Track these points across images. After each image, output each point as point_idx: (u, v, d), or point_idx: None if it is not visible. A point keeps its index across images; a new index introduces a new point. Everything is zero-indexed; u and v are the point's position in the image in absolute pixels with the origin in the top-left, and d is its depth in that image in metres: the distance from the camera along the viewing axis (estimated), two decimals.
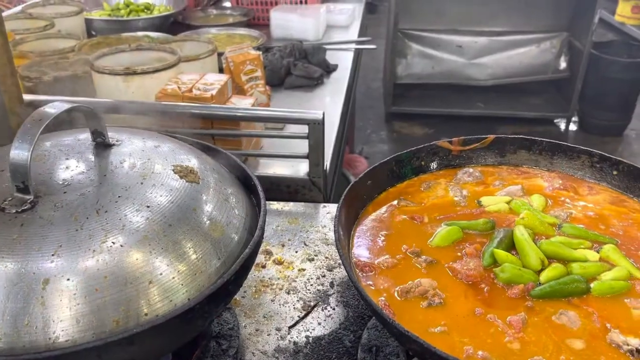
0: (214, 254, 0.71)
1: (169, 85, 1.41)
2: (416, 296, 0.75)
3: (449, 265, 0.80)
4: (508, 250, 0.81)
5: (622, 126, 4.35)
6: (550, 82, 4.58)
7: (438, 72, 4.57)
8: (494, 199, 0.94)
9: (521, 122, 4.50)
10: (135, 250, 0.65)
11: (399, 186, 0.99)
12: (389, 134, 4.50)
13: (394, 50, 4.46)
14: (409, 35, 4.55)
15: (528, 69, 4.50)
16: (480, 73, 4.53)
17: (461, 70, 4.54)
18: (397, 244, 0.85)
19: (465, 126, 4.44)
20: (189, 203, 0.73)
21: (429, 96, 4.65)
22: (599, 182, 0.98)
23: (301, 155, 1.38)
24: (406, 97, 4.69)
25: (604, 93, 4.21)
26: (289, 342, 0.97)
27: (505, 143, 1.03)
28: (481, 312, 0.73)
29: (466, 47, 4.53)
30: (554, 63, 4.46)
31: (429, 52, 4.56)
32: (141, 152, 0.79)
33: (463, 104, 4.56)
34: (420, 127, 4.53)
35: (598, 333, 0.69)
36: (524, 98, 4.61)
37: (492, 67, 4.52)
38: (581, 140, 4.41)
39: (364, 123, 4.63)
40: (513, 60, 4.50)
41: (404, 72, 4.59)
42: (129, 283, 0.63)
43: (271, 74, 2.03)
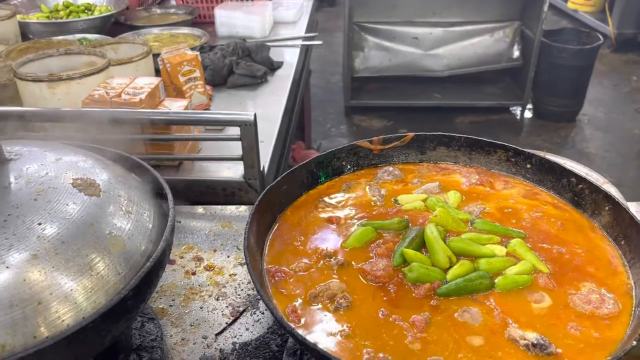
0: (113, 269, 0.69)
1: (97, 90, 1.38)
2: (323, 300, 0.75)
3: (359, 266, 0.80)
4: (419, 249, 0.82)
5: (574, 112, 4.45)
6: (505, 70, 4.65)
7: (395, 65, 4.59)
8: (410, 197, 0.94)
9: (478, 111, 4.57)
10: (22, 270, 0.63)
11: (320, 187, 0.99)
12: (348, 128, 4.51)
13: (350, 44, 4.46)
14: (365, 28, 4.55)
15: (483, 58, 4.56)
16: (436, 64, 4.57)
17: (418, 61, 4.58)
18: (311, 247, 0.85)
19: (424, 117, 4.49)
20: (86, 218, 0.71)
21: (387, 89, 4.68)
22: (515, 175, 0.99)
23: (235, 157, 1.37)
24: (365, 91, 4.70)
25: (555, 80, 4.30)
26: (214, 350, 0.96)
27: (425, 140, 1.04)
28: (386, 314, 0.73)
29: (422, 38, 4.56)
30: (508, 52, 4.53)
31: (385, 45, 4.58)
32: (40, 166, 0.76)
33: (421, 96, 4.60)
34: (379, 119, 4.55)
35: (498, 329, 0.71)
36: (480, 87, 4.67)
37: (448, 57, 4.57)
38: (536, 126, 4.50)
39: (323, 117, 4.64)
40: (468, 50, 4.55)
41: (361, 66, 4.60)
42: (14, 305, 0.61)
43: (213, 73, 2.00)
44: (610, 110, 4.64)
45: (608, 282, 0.77)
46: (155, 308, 1.05)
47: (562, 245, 0.83)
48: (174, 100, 1.51)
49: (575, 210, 0.91)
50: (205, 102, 1.82)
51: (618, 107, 4.71)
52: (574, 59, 4.19)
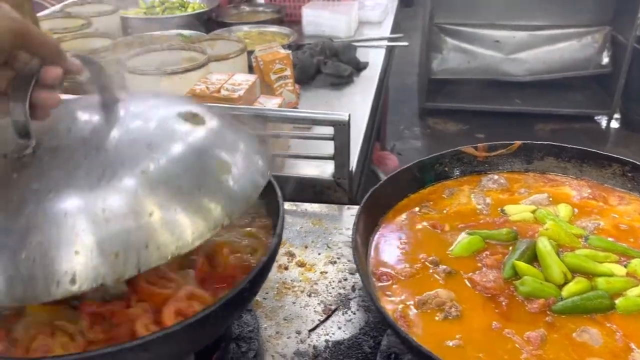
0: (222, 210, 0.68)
1: (198, 85, 1.43)
2: (433, 308, 0.75)
3: (468, 276, 0.79)
4: (530, 262, 0.80)
5: None
6: (592, 77, 4.43)
7: (474, 67, 4.48)
8: (518, 208, 0.92)
9: (559, 119, 4.37)
10: (138, 188, 0.63)
11: (421, 192, 0.98)
12: (422, 130, 4.44)
13: (429, 45, 4.39)
14: (445, 30, 4.47)
15: (568, 64, 4.36)
16: (518, 68, 4.42)
17: (498, 65, 4.44)
18: (416, 253, 0.84)
19: (501, 123, 4.34)
20: (201, 147, 0.69)
21: (464, 92, 4.57)
22: (631, 192, 0.94)
23: (327, 156, 1.38)
24: (441, 93, 4.62)
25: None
26: (308, 346, 0.98)
27: (533, 149, 1.00)
28: (498, 327, 0.71)
29: (503, 41, 4.42)
30: (596, 58, 4.30)
31: (465, 47, 4.47)
32: (150, 103, 0.76)
33: (499, 100, 4.46)
34: (454, 123, 4.45)
35: (620, 352, 0.67)
36: (563, 94, 4.47)
37: (531, 62, 4.40)
38: (624, 137, 4.26)
39: (397, 118, 4.59)
40: (553, 55, 4.37)
41: (439, 67, 4.52)
42: (128, 219, 0.62)
43: (301, 72, 2.03)
44: None
45: None
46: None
47: None
48: (269, 98, 1.54)
49: None
50: (294, 101, 1.85)
51: None
52: None
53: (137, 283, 0.73)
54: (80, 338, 0.67)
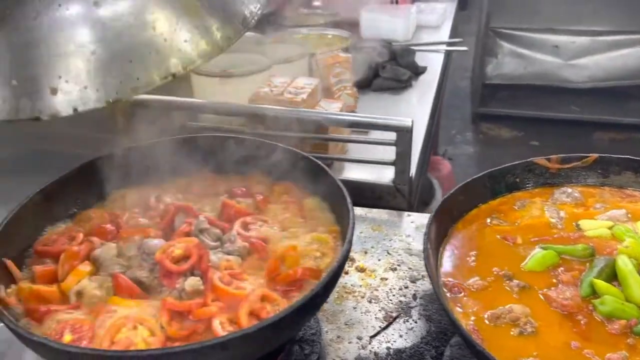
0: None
1: (262, 88, 1.45)
2: (507, 322, 0.73)
3: (543, 292, 0.77)
4: (609, 280, 0.77)
5: None
6: None
7: (530, 73, 4.36)
8: (594, 223, 0.89)
9: (620, 128, 4.20)
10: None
11: (492, 203, 0.97)
12: (474, 136, 4.36)
13: (484, 49, 4.31)
14: (500, 34, 4.37)
15: (631, 71, 4.18)
16: (577, 75, 4.27)
17: (556, 71, 4.30)
18: (487, 265, 0.83)
19: (557, 130, 4.21)
20: None
21: (518, 97, 4.45)
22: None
23: (388, 161, 1.38)
24: (495, 98, 4.52)
25: None
26: (369, 352, 0.98)
27: (610, 163, 0.97)
28: (577, 346, 0.69)
29: (563, 47, 4.28)
30: None
31: (521, 52, 4.36)
32: None
33: (556, 107, 4.33)
34: (508, 129, 4.35)
35: None
36: (624, 102, 4.29)
37: (591, 68, 4.24)
38: None
39: (449, 123, 4.51)
40: (616, 61, 4.20)
41: (493, 72, 4.43)
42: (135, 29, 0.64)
43: (359, 75, 2.03)
44: None
45: None
46: None
47: None
48: (330, 102, 1.55)
49: None
50: (352, 104, 1.85)
51: None
52: None
53: (211, 282, 0.75)
54: (160, 333, 0.69)
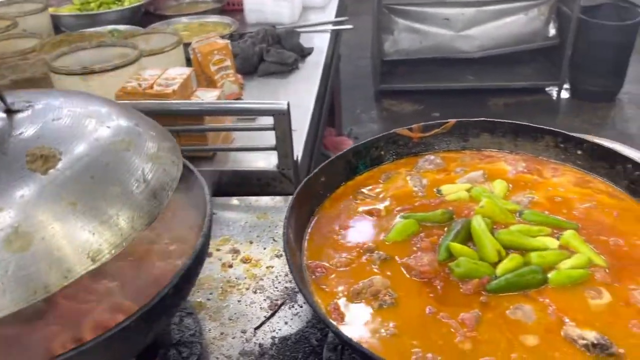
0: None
1: (129, 82, 1.37)
2: (367, 297, 0.73)
3: (403, 261, 0.77)
4: (465, 242, 0.78)
5: (614, 91, 4.28)
6: (540, 50, 4.49)
7: (426, 47, 4.48)
8: (453, 187, 0.91)
9: (512, 93, 4.43)
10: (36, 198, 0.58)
11: (358, 179, 0.96)
12: (378, 113, 4.44)
13: (379, 27, 4.38)
14: (394, 10, 4.45)
15: (517, 38, 4.41)
16: (468, 45, 4.44)
17: (449, 43, 4.46)
18: (352, 241, 0.82)
19: (456, 100, 4.38)
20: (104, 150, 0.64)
21: (418, 72, 4.58)
22: (564, 162, 0.94)
23: (269, 147, 1.35)
24: (395, 74, 4.62)
25: (594, 58, 4.14)
26: (254, 345, 0.95)
27: (468, 127, 0.99)
28: (433, 311, 0.70)
29: (453, 19, 4.43)
30: (543, 31, 4.37)
31: (415, 27, 4.47)
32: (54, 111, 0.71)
33: (453, 78, 4.50)
34: (410, 103, 4.47)
35: (553, 327, 0.67)
36: (515, 68, 4.53)
37: (481, 38, 4.43)
38: (574, 107, 4.35)
39: (353, 103, 4.57)
40: (501, 30, 4.41)
41: (391, 49, 4.51)
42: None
43: (243, 62, 1.98)
44: None
45: None
46: (193, 302, 1.04)
47: (620, 237, 0.78)
48: (207, 91, 1.49)
49: (633, 199, 0.85)
50: (236, 92, 1.80)
51: None
52: (614, 36, 4.01)
53: (53, 299, 0.69)
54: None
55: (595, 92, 4.27)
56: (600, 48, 4.08)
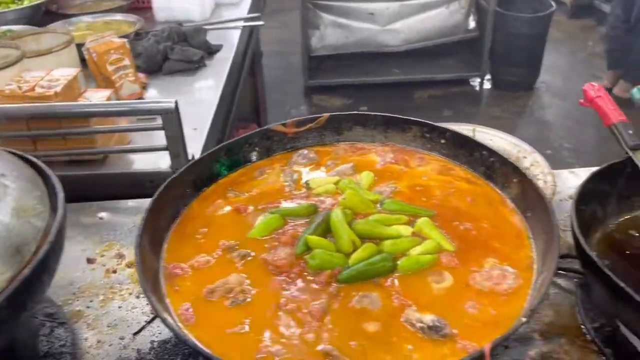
0: None
1: (9, 85, 1.31)
2: (222, 295, 0.73)
3: (262, 257, 0.78)
4: (324, 235, 0.80)
5: (531, 80, 4.47)
6: (463, 42, 4.63)
7: (352, 42, 4.53)
8: (321, 180, 0.92)
9: (437, 85, 4.55)
10: None
11: (232, 176, 0.96)
12: (308, 108, 4.46)
13: (305, 22, 4.39)
14: (319, 6, 4.47)
15: (440, 31, 4.53)
16: (394, 39, 4.53)
17: (375, 37, 4.52)
18: (215, 240, 0.82)
19: (383, 93, 4.46)
20: None
21: (346, 66, 4.62)
22: (431, 152, 0.97)
23: (160, 147, 1.32)
24: (323, 69, 4.64)
25: (511, 49, 4.31)
26: (132, 350, 0.93)
27: (341, 120, 1.01)
28: (285, 304, 0.70)
29: (378, 14, 4.50)
30: (464, 23, 4.50)
31: (341, 22, 4.50)
32: None
33: (379, 72, 4.57)
34: (339, 98, 4.50)
35: (396, 312, 0.69)
36: (439, 60, 4.65)
37: (405, 32, 4.52)
38: (495, 97, 4.52)
39: (283, 98, 4.57)
40: (425, 23, 4.51)
41: (318, 44, 4.53)
42: None
43: (147, 60, 1.93)
44: (567, 77, 4.67)
45: (512, 256, 0.75)
46: (70, 311, 1.00)
47: (470, 221, 0.81)
48: (97, 91, 1.45)
49: (488, 184, 0.89)
50: (137, 91, 1.76)
51: (575, 73, 4.75)
52: (528, 28, 4.19)
53: None
54: None
55: (514, 81, 4.45)
56: (517, 39, 4.26)
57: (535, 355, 0.91)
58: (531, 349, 0.92)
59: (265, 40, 5.60)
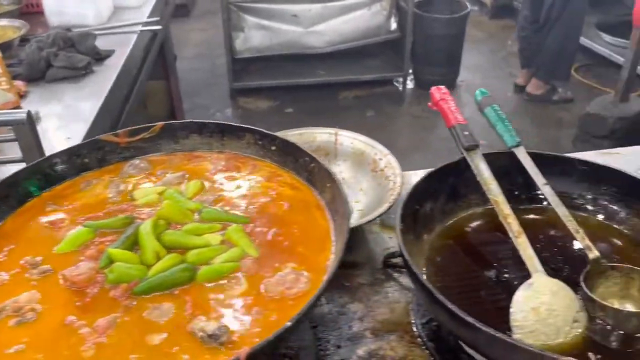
0: None
1: None
2: (9, 314, 0.71)
3: (62, 273, 0.76)
4: (133, 247, 0.79)
5: (452, 79, 4.61)
6: (387, 43, 4.72)
7: (276, 44, 4.53)
8: (146, 191, 0.91)
9: (362, 85, 4.62)
10: None
11: (57, 189, 0.93)
12: (234, 111, 4.43)
13: (228, 25, 4.36)
14: (242, 8, 4.45)
15: (363, 32, 4.59)
16: (318, 41, 4.56)
17: (299, 39, 4.54)
18: (18, 257, 0.79)
19: (309, 95, 4.49)
20: None
21: (271, 68, 4.62)
22: (263, 158, 0.98)
23: (15, 159, 1.28)
24: (249, 72, 4.63)
25: (431, 50, 4.42)
26: None
27: (176, 129, 1.00)
28: (72, 321, 0.69)
29: (301, 15, 4.52)
30: (386, 25, 4.58)
31: (265, 24, 4.50)
32: None
33: (305, 73, 4.59)
34: (265, 100, 4.50)
35: (184, 323, 0.69)
36: (363, 61, 4.72)
37: (329, 33, 4.56)
38: (418, 96, 4.63)
39: (208, 102, 4.53)
40: (348, 25, 4.56)
41: (242, 46, 4.51)
42: None
43: (29, 67, 1.87)
44: (486, 75, 4.84)
45: (312, 260, 0.77)
46: None
47: (282, 227, 0.83)
48: None
49: (309, 189, 0.91)
50: (12, 100, 1.69)
51: (494, 71, 4.92)
52: (445, 28, 4.32)
53: None
54: None
55: (436, 81, 4.50)
56: (435, 40, 4.37)
57: (363, 353, 0.93)
58: (360, 347, 0.95)
59: (193, 42, 5.56)
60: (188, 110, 4.39)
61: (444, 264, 1.02)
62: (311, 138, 1.34)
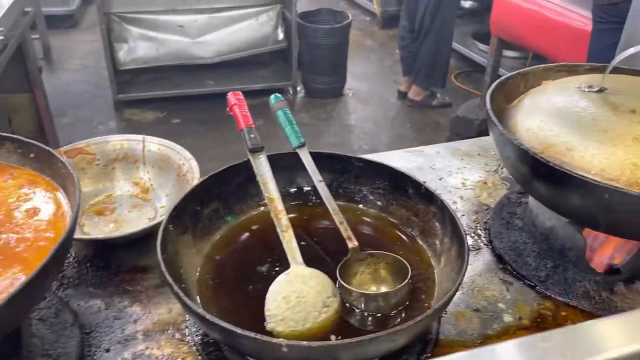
0: None
1: None
2: None
3: None
4: None
5: (339, 87, 4.75)
6: (276, 53, 4.80)
7: (163, 54, 4.48)
8: None
9: (254, 95, 4.59)
10: None
11: None
12: (118, 123, 4.32)
13: (109, 36, 4.25)
14: (125, 19, 4.36)
15: (251, 42, 4.64)
16: (205, 51, 4.55)
17: (186, 50, 4.51)
18: None
19: (197, 105, 4.46)
20: None
21: (157, 79, 4.56)
22: (23, 166, 0.97)
23: None
24: (137, 83, 4.54)
25: (316, 59, 4.54)
26: None
27: None
28: None
29: (187, 26, 4.49)
30: (273, 35, 4.66)
31: (150, 35, 4.43)
32: None
33: (193, 84, 4.57)
34: (152, 111, 4.43)
35: None
36: (254, 71, 4.77)
37: (217, 44, 4.56)
38: (307, 104, 4.73)
39: (92, 114, 4.39)
40: (236, 35, 4.59)
41: (127, 58, 4.41)
42: None
43: None
44: (372, 83, 5.04)
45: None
46: None
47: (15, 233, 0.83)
48: None
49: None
50: None
51: (380, 79, 5.14)
52: (328, 38, 4.45)
53: None
54: None
55: (324, 89, 4.70)
56: (320, 49, 4.50)
57: (128, 356, 0.95)
58: (128, 349, 0.96)
59: (79, 54, 5.38)
60: (69, 123, 4.25)
61: (221, 262, 1.06)
62: (118, 146, 1.35)
